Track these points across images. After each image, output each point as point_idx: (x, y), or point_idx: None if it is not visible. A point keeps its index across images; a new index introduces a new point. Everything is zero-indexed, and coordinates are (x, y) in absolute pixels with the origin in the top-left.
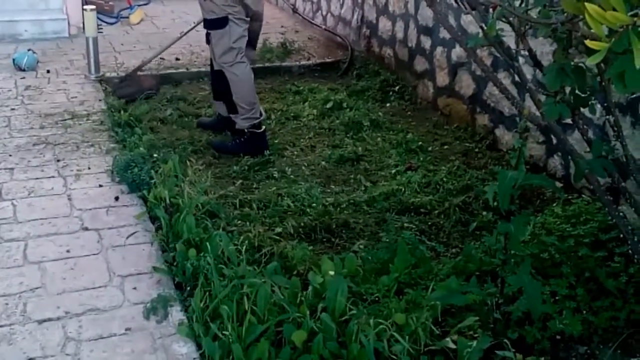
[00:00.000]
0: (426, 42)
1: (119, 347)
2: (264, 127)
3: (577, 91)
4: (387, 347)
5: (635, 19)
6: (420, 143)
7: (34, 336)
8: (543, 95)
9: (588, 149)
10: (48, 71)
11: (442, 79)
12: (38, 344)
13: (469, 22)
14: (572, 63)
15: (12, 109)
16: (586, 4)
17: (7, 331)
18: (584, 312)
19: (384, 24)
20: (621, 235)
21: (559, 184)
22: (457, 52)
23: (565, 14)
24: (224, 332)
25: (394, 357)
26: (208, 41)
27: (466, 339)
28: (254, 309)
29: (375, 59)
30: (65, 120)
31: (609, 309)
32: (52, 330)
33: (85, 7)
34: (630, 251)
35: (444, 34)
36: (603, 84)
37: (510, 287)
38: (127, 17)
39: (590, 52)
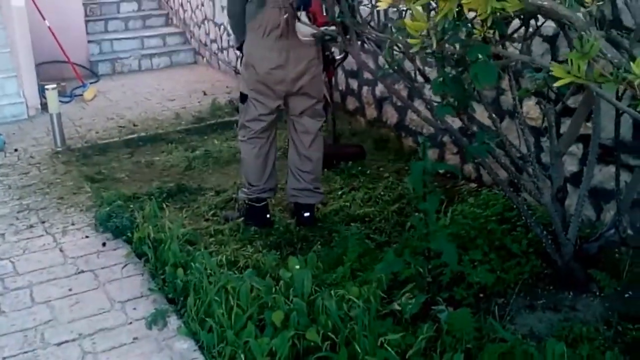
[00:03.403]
0: (354, 84)
1: (130, 351)
2: (264, 202)
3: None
4: (347, 312)
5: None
6: (359, 168)
7: (55, 355)
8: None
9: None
10: (16, 150)
11: (371, 113)
12: None
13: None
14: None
15: None
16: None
17: (31, 355)
18: (498, 272)
19: None
20: (515, 205)
21: (473, 185)
22: (380, 88)
23: None
24: (216, 324)
25: (353, 322)
26: None
27: (408, 300)
28: (239, 303)
29: None
30: (42, 189)
31: (516, 267)
32: (71, 349)
33: (47, 86)
34: (523, 217)
35: (367, 75)
36: (475, 90)
37: (436, 259)
38: (81, 95)
39: (458, 64)
